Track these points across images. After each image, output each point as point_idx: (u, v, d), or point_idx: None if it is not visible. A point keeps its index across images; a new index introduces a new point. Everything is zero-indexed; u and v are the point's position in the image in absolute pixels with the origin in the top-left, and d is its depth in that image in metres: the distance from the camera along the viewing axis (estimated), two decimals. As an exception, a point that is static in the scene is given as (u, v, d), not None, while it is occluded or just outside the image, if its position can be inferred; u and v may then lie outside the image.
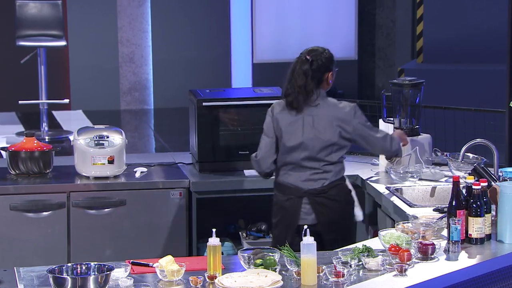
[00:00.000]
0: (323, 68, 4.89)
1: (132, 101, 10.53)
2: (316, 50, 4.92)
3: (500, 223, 4.16)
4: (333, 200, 4.90)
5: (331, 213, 4.90)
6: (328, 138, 4.85)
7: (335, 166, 4.91)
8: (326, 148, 4.87)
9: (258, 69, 10.57)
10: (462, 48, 9.44)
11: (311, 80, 4.86)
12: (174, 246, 5.42)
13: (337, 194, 4.91)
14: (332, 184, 4.90)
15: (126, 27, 10.45)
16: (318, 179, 4.89)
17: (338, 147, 4.89)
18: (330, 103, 4.91)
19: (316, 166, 4.89)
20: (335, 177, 4.91)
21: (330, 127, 4.85)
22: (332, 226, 4.91)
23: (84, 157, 5.43)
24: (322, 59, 4.90)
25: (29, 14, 8.95)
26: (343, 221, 4.94)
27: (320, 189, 4.88)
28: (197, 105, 5.60)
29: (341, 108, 4.90)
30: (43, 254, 5.32)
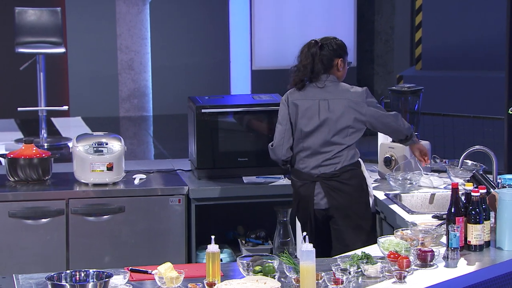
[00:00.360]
0: (333, 53, 4.98)
1: (131, 108, 10.53)
2: (327, 37, 5.04)
3: (499, 230, 4.16)
4: (345, 184, 4.92)
5: (343, 197, 4.92)
6: (344, 121, 4.92)
7: (348, 150, 4.94)
8: (341, 131, 4.92)
9: (257, 76, 10.57)
10: (461, 55, 9.45)
11: (318, 61, 4.94)
12: (173, 253, 5.42)
13: (349, 178, 4.93)
14: (345, 168, 4.93)
15: (125, 34, 10.46)
16: (330, 164, 4.93)
17: (353, 130, 4.93)
18: (342, 87, 4.98)
19: (330, 150, 4.93)
20: (347, 162, 4.93)
21: (346, 110, 4.92)
22: (345, 211, 4.93)
23: (83, 164, 5.43)
24: (333, 44, 4.99)
25: (28, 21, 8.95)
26: (356, 207, 4.93)
27: (332, 173, 4.93)
28: (196, 112, 5.61)
29: (353, 92, 4.96)
30: (41, 261, 5.32)
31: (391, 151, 5.44)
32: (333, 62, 4.97)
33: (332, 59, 4.97)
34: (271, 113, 5.65)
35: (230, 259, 5.64)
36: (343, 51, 5.01)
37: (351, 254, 3.92)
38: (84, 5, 10.33)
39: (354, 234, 4.91)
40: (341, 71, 5.02)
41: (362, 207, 4.95)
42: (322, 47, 4.97)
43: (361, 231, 4.92)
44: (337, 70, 5.00)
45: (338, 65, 4.99)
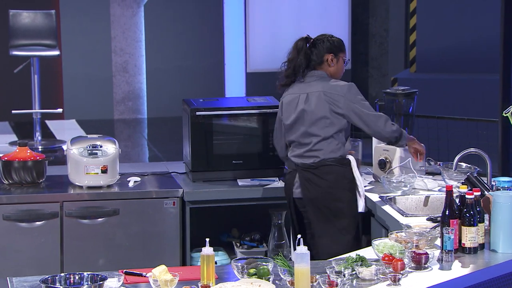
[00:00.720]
0: (323, 48, 5.03)
1: (125, 111, 10.53)
2: (323, 34, 5.11)
3: (493, 232, 4.16)
4: (320, 178, 4.98)
5: (316, 190, 4.99)
6: (319, 111, 4.97)
7: (328, 144, 4.98)
8: (318, 122, 4.98)
9: (251, 79, 10.58)
10: (455, 57, 9.47)
11: (303, 56, 5.03)
12: (167, 256, 5.41)
13: (326, 173, 4.98)
14: (324, 162, 4.98)
15: (120, 36, 10.46)
16: (311, 156, 5.01)
17: (330, 122, 4.97)
18: (326, 81, 5.02)
19: (309, 142, 5.01)
20: (327, 156, 4.98)
21: (321, 101, 4.97)
22: (316, 204, 4.99)
23: (77, 167, 5.42)
24: (324, 40, 5.06)
25: (22, 24, 8.94)
26: (329, 202, 4.97)
27: (310, 164, 5.01)
28: (191, 114, 5.61)
29: (335, 85, 5.00)
30: (36, 264, 5.31)
31: (385, 153, 5.44)
32: (323, 57, 5.03)
33: (323, 54, 5.04)
34: (265, 116, 5.65)
35: (224, 261, 5.64)
36: (335, 47, 5.05)
37: (346, 257, 3.92)
38: (79, 7, 10.33)
39: (322, 229, 4.97)
40: (333, 67, 5.06)
41: (336, 204, 4.97)
42: (314, 43, 5.05)
43: (332, 227, 4.95)
44: (328, 66, 5.05)
45: (328, 61, 5.03)
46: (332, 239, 4.92)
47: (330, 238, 4.93)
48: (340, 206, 4.97)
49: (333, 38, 5.08)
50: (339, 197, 4.97)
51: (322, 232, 4.98)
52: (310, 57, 5.04)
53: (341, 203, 4.97)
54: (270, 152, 5.65)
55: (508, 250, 4.13)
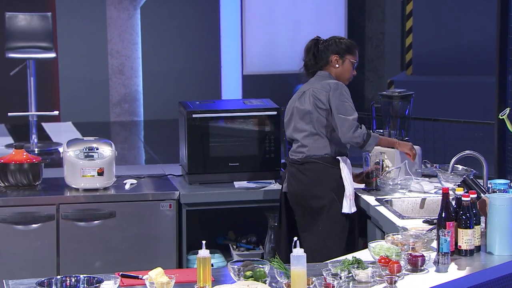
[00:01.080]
0: (329, 49, 5.11)
1: (122, 113, 10.52)
2: (334, 36, 5.20)
3: (490, 234, 4.17)
4: (302, 173, 5.05)
5: (297, 185, 5.06)
6: (305, 107, 5.07)
7: (314, 141, 5.05)
8: (304, 117, 5.08)
9: (248, 81, 10.58)
10: (451, 60, 9.48)
11: (312, 56, 5.13)
12: (163, 258, 5.41)
13: (308, 169, 5.04)
14: (308, 159, 5.05)
15: (116, 39, 10.45)
16: (299, 152, 5.10)
17: (315, 117, 5.04)
18: (323, 79, 5.09)
19: (297, 138, 5.10)
20: (313, 153, 5.05)
21: (309, 97, 5.07)
22: (297, 198, 5.07)
23: (73, 169, 5.42)
24: (331, 42, 5.14)
25: (18, 26, 8.94)
26: (309, 198, 5.03)
27: (296, 160, 5.10)
28: (187, 117, 5.60)
29: (325, 83, 5.07)
30: (32, 266, 5.31)
31: (382, 155, 5.44)
32: (329, 58, 5.11)
33: (328, 55, 5.11)
34: (262, 118, 5.65)
35: (221, 264, 5.64)
36: (341, 49, 5.11)
37: (342, 259, 3.92)
38: (75, 10, 10.32)
39: (305, 223, 5.05)
40: (339, 68, 5.11)
41: (316, 201, 5.01)
42: (322, 44, 5.13)
43: (314, 224, 5.02)
44: (334, 67, 5.11)
45: (333, 62, 5.09)
46: (314, 236, 5.00)
47: (313, 234, 5.01)
48: (320, 204, 5.02)
49: (342, 40, 5.16)
50: (319, 195, 5.02)
51: (306, 228, 5.07)
52: (317, 58, 5.12)
53: (321, 201, 5.02)
54: (266, 155, 5.66)
55: (504, 253, 4.13)
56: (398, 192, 5.22)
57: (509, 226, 4.13)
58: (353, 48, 5.14)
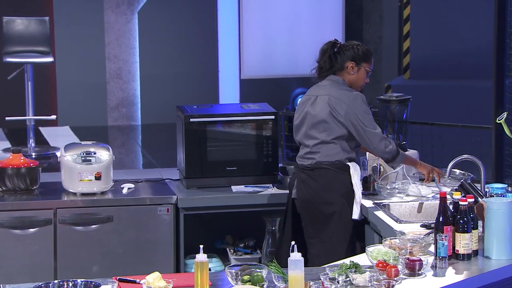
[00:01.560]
0: (346, 55, 5.04)
1: (119, 117, 10.52)
2: (352, 41, 5.14)
3: (487, 239, 4.17)
4: (313, 179, 4.99)
5: (308, 192, 5.00)
6: (320, 115, 4.98)
7: (326, 148, 4.98)
8: (317, 125, 4.99)
9: (245, 85, 10.59)
10: (448, 64, 9.49)
11: (327, 59, 5.05)
12: (161, 263, 5.41)
13: (319, 176, 4.98)
14: (319, 165, 4.98)
15: (114, 43, 10.46)
16: (310, 158, 5.03)
17: (329, 126, 4.97)
18: (337, 87, 5.02)
19: (309, 144, 5.03)
20: (323, 159, 4.98)
21: (324, 104, 4.98)
22: (307, 205, 5.00)
23: (71, 174, 5.42)
24: (349, 48, 5.07)
25: (16, 31, 8.94)
26: (319, 204, 4.98)
27: (306, 165, 5.03)
28: (185, 121, 5.61)
29: (342, 92, 4.99)
30: (29, 271, 5.30)
31: (379, 160, 5.44)
32: (345, 64, 5.05)
33: (345, 60, 5.05)
34: (259, 122, 5.65)
35: (218, 268, 5.63)
36: (358, 56, 5.05)
37: (340, 263, 3.92)
38: (72, 14, 10.33)
39: (315, 231, 4.98)
40: (354, 76, 5.06)
41: (327, 208, 4.97)
42: (339, 48, 5.06)
43: (324, 230, 4.96)
44: (348, 74, 5.06)
45: (349, 68, 5.04)
46: (323, 242, 4.94)
47: (322, 241, 4.95)
48: (331, 210, 4.97)
49: (360, 47, 5.08)
50: (330, 201, 4.98)
51: (314, 234, 5.01)
52: (333, 61, 5.06)
53: (332, 207, 4.97)
54: (264, 159, 5.66)
55: (501, 257, 4.13)
56: (396, 196, 5.22)
57: (506, 231, 4.14)
58: (370, 56, 5.09)
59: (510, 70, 5.35)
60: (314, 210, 5.00)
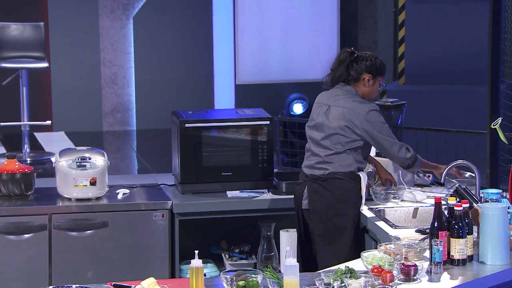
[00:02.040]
0: (363, 66, 4.99)
1: (114, 123, 10.51)
2: (367, 52, 5.09)
3: (482, 244, 4.17)
4: (327, 189, 4.94)
5: (322, 202, 4.94)
6: (334, 126, 4.94)
7: (339, 158, 4.95)
8: (332, 136, 4.95)
9: (241, 91, 10.58)
10: (443, 69, 9.50)
11: (344, 68, 4.98)
12: (156, 268, 5.40)
13: (333, 186, 4.94)
14: (333, 175, 4.94)
15: (109, 48, 10.45)
16: (321, 168, 4.97)
17: (343, 138, 4.93)
18: (351, 98, 4.97)
19: (320, 153, 4.97)
20: (337, 169, 4.94)
21: (339, 117, 4.94)
22: (320, 216, 4.94)
23: (66, 179, 5.41)
24: (367, 59, 5.02)
25: (11, 36, 8.93)
26: (332, 215, 4.93)
27: (319, 176, 4.97)
28: (180, 126, 5.60)
29: (357, 104, 4.94)
30: (24, 276, 5.29)
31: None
32: (361, 75, 5.00)
33: (362, 72, 5.00)
34: (255, 128, 5.65)
35: (213, 274, 5.63)
36: (376, 69, 5.01)
37: (335, 269, 3.92)
38: (67, 19, 10.32)
39: (325, 243, 4.93)
40: (368, 88, 5.02)
41: (340, 219, 4.94)
42: (356, 58, 5.01)
43: (334, 241, 4.93)
44: (364, 86, 5.01)
45: (365, 80, 5.00)
46: (335, 254, 4.87)
47: (333, 253, 4.89)
48: (344, 221, 4.95)
49: (377, 59, 5.04)
50: (344, 212, 4.95)
51: (324, 247, 4.95)
52: (350, 71, 5.00)
53: (345, 218, 4.95)
54: (259, 164, 5.66)
55: (496, 262, 4.14)
56: (391, 201, 5.22)
57: (501, 236, 4.14)
58: (385, 70, 5.07)
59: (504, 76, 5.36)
60: (326, 220, 4.95)
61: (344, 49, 5.09)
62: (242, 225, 5.82)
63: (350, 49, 5.07)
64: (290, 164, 6.35)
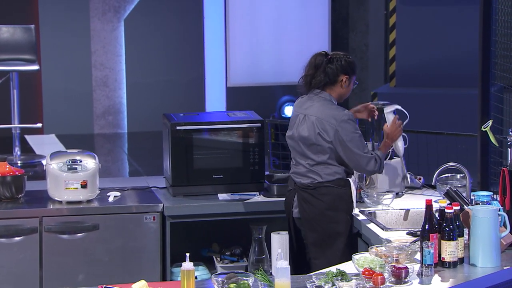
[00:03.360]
0: (340, 67, 4.93)
1: (105, 125, 10.50)
2: (338, 52, 5.01)
3: (473, 246, 4.18)
4: (317, 198, 4.92)
5: (313, 211, 4.93)
6: (310, 137, 4.92)
7: (323, 168, 4.93)
8: (311, 147, 4.93)
9: (232, 93, 10.58)
10: (434, 72, 9.51)
11: (321, 72, 4.91)
12: (147, 271, 5.39)
13: (323, 194, 4.92)
14: (322, 184, 4.92)
15: (100, 51, 10.44)
16: (310, 177, 4.95)
17: (321, 148, 4.91)
18: (325, 106, 4.92)
19: (305, 163, 4.95)
20: (324, 179, 4.92)
21: (313, 127, 4.91)
22: (312, 225, 4.93)
23: (56, 182, 5.40)
24: (342, 60, 4.95)
25: (1, 39, 8.91)
26: (324, 223, 4.92)
27: (307, 184, 4.95)
28: (171, 129, 5.60)
29: (331, 113, 4.90)
30: (15, 279, 5.28)
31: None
32: (338, 78, 4.96)
33: (338, 74, 4.95)
34: (246, 130, 5.66)
35: (205, 276, 5.62)
36: (351, 69, 4.97)
37: (326, 271, 3.92)
38: (58, 22, 10.30)
39: (318, 250, 4.92)
40: (345, 89, 4.99)
41: (333, 226, 4.93)
42: (331, 60, 4.94)
43: (329, 249, 4.92)
44: (341, 87, 4.98)
45: (343, 82, 4.97)
46: (329, 261, 4.83)
47: (327, 260, 4.86)
48: (337, 228, 4.93)
49: (349, 58, 4.98)
50: (335, 219, 4.93)
51: (318, 254, 4.94)
52: (327, 75, 4.93)
53: (338, 225, 4.93)
54: (250, 167, 5.66)
55: (487, 264, 4.14)
56: (382, 204, 5.22)
57: (492, 238, 4.15)
58: (357, 68, 5.04)
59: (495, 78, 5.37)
60: (318, 229, 4.94)
61: (317, 53, 5.00)
62: (234, 228, 5.82)
63: (323, 52, 5.01)
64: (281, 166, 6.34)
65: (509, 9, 5.29)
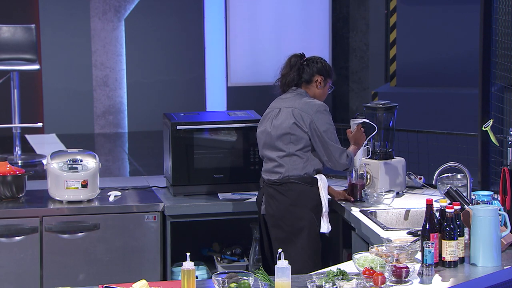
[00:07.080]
0: (314, 68, 5.06)
1: (106, 125, 10.50)
2: (316, 56, 5.14)
3: (473, 246, 4.18)
4: (281, 194, 4.98)
5: (277, 207, 4.99)
6: (283, 126, 4.99)
7: (291, 161, 4.97)
8: (283, 137, 4.99)
9: (232, 93, 10.59)
10: (435, 72, 9.51)
11: (296, 72, 5.05)
12: (148, 270, 5.40)
13: (287, 190, 4.97)
14: (287, 179, 4.97)
15: (100, 50, 10.44)
16: (277, 172, 5.01)
17: (295, 138, 4.97)
18: (301, 97, 5.03)
19: (274, 157, 5.00)
20: (291, 173, 4.97)
21: (289, 117, 4.99)
22: (276, 220, 4.98)
23: (57, 181, 5.40)
24: (317, 61, 5.09)
25: (2, 38, 8.92)
26: (289, 219, 4.96)
27: (274, 180, 5.01)
28: (172, 128, 5.60)
29: (306, 103, 5.00)
30: (15, 279, 5.28)
31: (366, 167, 5.45)
32: (313, 77, 5.06)
33: (313, 74, 5.06)
34: (246, 130, 5.66)
35: (205, 276, 5.63)
36: (326, 71, 5.09)
37: (327, 271, 3.92)
38: (59, 21, 10.31)
39: (282, 246, 4.91)
40: (320, 90, 5.09)
41: (296, 222, 4.96)
42: (307, 61, 5.08)
43: (291, 245, 4.93)
44: (316, 87, 5.07)
45: (317, 82, 5.06)
46: (291, 258, 4.83)
47: (289, 256, 4.85)
48: (301, 224, 4.96)
49: (325, 62, 5.12)
50: (299, 216, 4.96)
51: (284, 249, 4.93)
52: (301, 74, 5.07)
53: (301, 222, 4.96)
54: (251, 166, 5.66)
55: (488, 264, 4.15)
56: (382, 203, 5.22)
57: (492, 238, 4.15)
58: (333, 73, 5.16)
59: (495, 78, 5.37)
60: (283, 225, 4.98)
61: (293, 53, 5.13)
62: (234, 227, 5.82)
63: (299, 53, 5.14)
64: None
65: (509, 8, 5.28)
